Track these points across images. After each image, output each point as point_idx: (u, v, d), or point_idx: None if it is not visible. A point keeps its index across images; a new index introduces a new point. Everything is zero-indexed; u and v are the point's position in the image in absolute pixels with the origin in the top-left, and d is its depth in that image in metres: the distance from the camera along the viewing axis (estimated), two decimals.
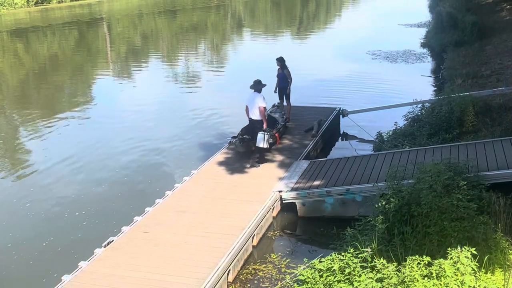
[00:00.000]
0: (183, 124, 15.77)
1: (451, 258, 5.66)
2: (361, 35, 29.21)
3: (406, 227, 6.86)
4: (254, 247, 8.68)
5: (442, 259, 5.69)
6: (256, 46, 30.24)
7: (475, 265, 5.68)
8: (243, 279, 7.89)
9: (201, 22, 42.93)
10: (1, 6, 52.03)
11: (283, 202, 9.83)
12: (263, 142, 11.00)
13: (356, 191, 9.29)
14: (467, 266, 5.55)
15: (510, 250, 6.73)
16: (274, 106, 14.33)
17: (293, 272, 7.49)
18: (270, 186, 10.06)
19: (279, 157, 11.57)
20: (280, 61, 13.62)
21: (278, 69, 13.67)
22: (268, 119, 12.50)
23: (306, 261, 6.85)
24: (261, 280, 7.80)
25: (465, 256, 5.62)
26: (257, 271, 8.05)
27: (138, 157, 13.36)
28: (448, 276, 5.47)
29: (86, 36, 37.89)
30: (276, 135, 12.07)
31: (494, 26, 22.58)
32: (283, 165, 11.13)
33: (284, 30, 37.85)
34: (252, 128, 11.39)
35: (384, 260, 6.08)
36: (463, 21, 22.41)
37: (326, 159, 11.53)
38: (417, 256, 5.89)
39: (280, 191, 9.84)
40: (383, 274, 5.82)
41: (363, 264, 6.24)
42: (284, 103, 13.91)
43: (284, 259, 8.31)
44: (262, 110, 11.18)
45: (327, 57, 24.68)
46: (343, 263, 6.32)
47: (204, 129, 15.21)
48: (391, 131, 12.73)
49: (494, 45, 20.30)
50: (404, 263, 5.92)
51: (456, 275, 5.51)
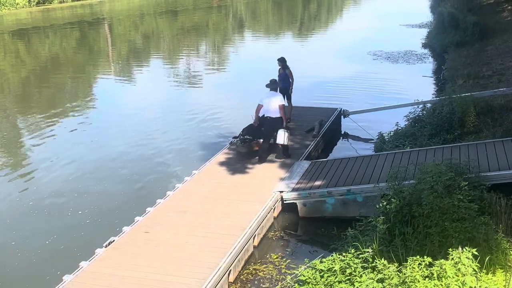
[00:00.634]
0: (184, 124, 15.78)
1: (452, 259, 5.65)
2: (362, 35, 29.20)
3: (407, 227, 6.86)
4: (255, 247, 8.68)
5: (443, 260, 5.69)
6: (257, 47, 30.24)
7: (476, 265, 5.67)
8: (244, 279, 7.90)
9: (202, 22, 42.95)
10: (2, 6, 52.10)
11: (284, 202, 9.83)
12: (283, 138, 11.23)
13: (357, 192, 9.29)
14: (468, 266, 5.55)
15: (511, 250, 6.72)
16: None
17: (293, 273, 7.48)
18: (271, 186, 10.06)
19: (280, 157, 11.56)
20: (282, 61, 13.61)
21: (279, 69, 13.66)
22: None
23: (307, 261, 6.85)
24: (261, 280, 7.81)
25: (466, 257, 5.61)
26: (257, 271, 8.05)
27: (139, 157, 13.37)
28: (449, 277, 5.47)
29: (87, 36, 37.92)
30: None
31: (496, 27, 22.54)
32: (284, 165, 11.13)
33: (285, 30, 37.85)
34: (271, 126, 11.48)
35: (385, 260, 6.08)
36: (465, 21, 22.39)
37: (327, 159, 11.53)
38: (418, 256, 5.88)
39: (281, 192, 9.84)
40: (384, 275, 5.81)
41: (364, 264, 6.23)
42: (286, 104, 13.91)
43: (284, 259, 8.31)
44: (282, 107, 11.37)
45: (328, 57, 24.67)
46: (344, 263, 6.32)
47: (205, 129, 15.22)
48: (392, 131, 12.72)
49: (495, 45, 20.28)
50: (405, 263, 5.92)
51: (457, 276, 5.50)
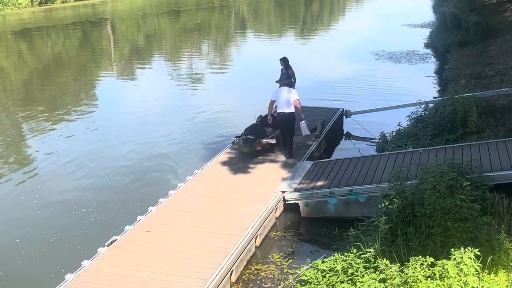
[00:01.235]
0: (187, 123, 15.78)
1: (455, 259, 5.64)
2: (364, 35, 29.19)
3: (409, 227, 6.85)
4: (257, 247, 8.68)
5: (445, 260, 5.67)
6: (260, 47, 30.24)
7: (479, 266, 5.65)
8: (246, 279, 7.90)
9: (204, 22, 42.97)
10: (5, 6, 52.22)
11: (286, 202, 9.83)
12: (307, 129, 11.79)
13: (359, 192, 9.28)
14: (470, 267, 5.53)
15: None
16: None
17: (295, 273, 7.48)
18: (273, 186, 10.06)
19: (282, 157, 11.58)
20: (284, 61, 13.60)
21: (282, 69, 13.65)
22: (273, 119, 12.53)
23: (309, 261, 6.85)
24: (263, 280, 7.80)
25: (468, 257, 5.60)
26: (259, 271, 8.05)
27: (141, 156, 13.38)
28: (451, 277, 5.46)
29: (90, 36, 37.97)
30: (280, 135, 12.06)
31: (498, 27, 22.51)
32: (286, 165, 11.13)
33: (287, 30, 37.85)
34: (285, 120, 11.46)
35: (387, 260, 6.06)
36: (467, 21, 22.36)
37: (329, 159, 11.53)
38: (420, 256, 5.86)
39: (283, 192, 9.84)
40: (386, 275, 5.80)
41: (366, 264, 6.22)
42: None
43: (286, 259, 8.31)
44: (298, 101, 11.37)
45: (330, 57, 24.66)
46: (346, 263, 6.30)
47: (207, 129, 15.22)
48: (394, 131, 12.71)
49: (498, 45, 20.25)
50: (407, 263, 5.90)
51: (459, 276, 5.49)
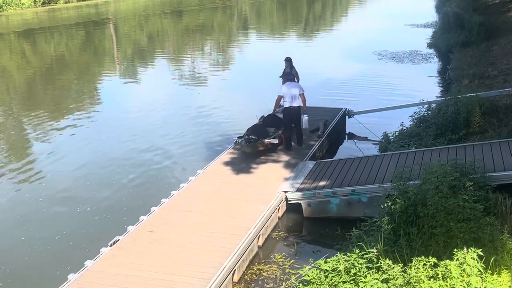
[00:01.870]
0: (189, 123, 15.79)
1: (457, 259, 5.62)
2: (367, 35, 29.16)
3: (412, 228, 6.83)
4: (259, 247, 8.68)
5: (448, 260, 5.66)
6: (262, 47, 30.23)
7: (481, 266, 5.64)
8: (248, 279, 7.90)
9: (207, 22, 42.99)
10: (8, 6, 52.33)
11: (289, 202, 9.82)
12: (308, 124, 12.21)
13: (362, 192, 9.27)
14: (473, 267, 5.52)
15: None
16: (280, 106, 14.31)
17: (298, 273, 7.47)
18: (276, 186, 10.06)
19: (284, 157, 11.57)
20: (288, 61, 13.63)
21: (285, 69, 13.64)
22: (273, 119, 12.54)
23: (312, 261, 6.84)
24: (266, 280, 7.80)
25: (471, 257, 5.58)
26: (262, 271, 8.05)
27: (144, 156, 13.39)
28: (454, 277, 5.45)
29: (92, 36, 38.03)
30: (282, 135, 12.06)
31: (501, 27, 22.47)
32: (288, 165, 11.12)
33: (290, 30, 37.83)
34: (292, 115, 11.89)
35: (390, 261, 6.05)
36: (470, 21, 22.31)
37: (332, 159, 11.51)
38: (423, 257, 5.85)
39: (286, 192, 9.83)
40: (389, 275, 5.79)
41: (368, 264, 6.21)
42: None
43: (289, 259, 8.30)
44: (303, 96, 11.89)
45: (333, 57, 24.65)
46: (349, 263, 6.30)
47: (210, 129, 15.23)
48: (397, 131, 12.69)
49: (501, 45, 20.21)
50: (410, 264, 5.89)
51: (462, 276, 5.48)
